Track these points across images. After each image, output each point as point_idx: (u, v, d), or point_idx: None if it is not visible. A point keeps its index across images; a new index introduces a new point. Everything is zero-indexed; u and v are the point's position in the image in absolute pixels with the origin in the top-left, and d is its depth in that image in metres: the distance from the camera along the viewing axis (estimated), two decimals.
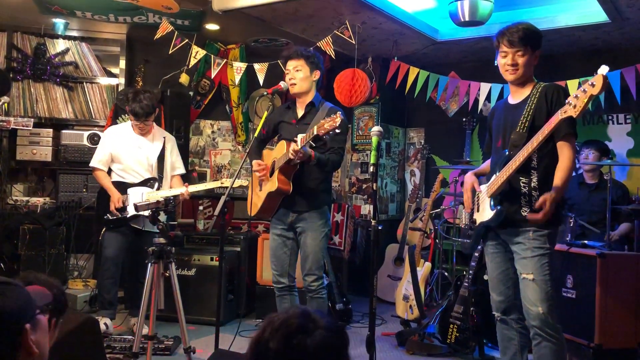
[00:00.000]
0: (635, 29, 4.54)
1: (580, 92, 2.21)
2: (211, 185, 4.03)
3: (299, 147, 2.99)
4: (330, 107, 3.35)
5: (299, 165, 3.19)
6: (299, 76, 3.30)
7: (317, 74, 3.35)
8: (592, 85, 2.16)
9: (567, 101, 2.26)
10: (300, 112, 3.39)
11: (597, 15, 4.30)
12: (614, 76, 4.56)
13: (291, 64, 3.33)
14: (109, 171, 4.14)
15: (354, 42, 4.56)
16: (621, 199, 4.45)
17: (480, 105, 5.23)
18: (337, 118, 2.81)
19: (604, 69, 2.17)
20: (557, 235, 2.72)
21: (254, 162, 3.38)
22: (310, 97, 3.37)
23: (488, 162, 3.00)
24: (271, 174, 3.31)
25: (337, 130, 2.86)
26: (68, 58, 5.31)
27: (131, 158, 4.10)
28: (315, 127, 2.91)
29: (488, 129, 2.97)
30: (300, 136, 3.04)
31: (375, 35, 5.02)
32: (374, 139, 2.66)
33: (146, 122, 4.03)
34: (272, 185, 3.23)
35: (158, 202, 3.13)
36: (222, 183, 3.89)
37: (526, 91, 2.70)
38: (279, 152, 3.28)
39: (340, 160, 3.30)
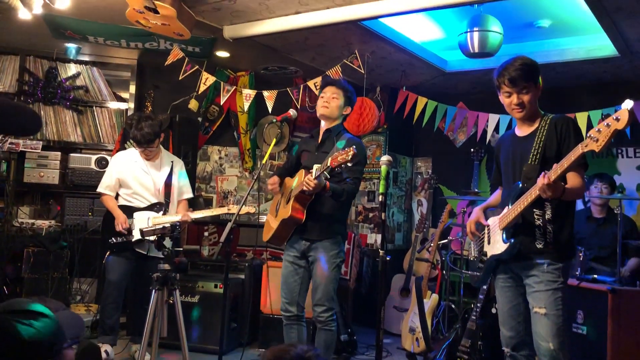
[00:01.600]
0: None
1: (603, 127, 2.13)
2: (218, 211, 4.01)
3: (313, 177, 3.01)
4: (349, 137, 3.38)
5: (314, 196, 3.20)
6: (333, 103, 3.39)
7: (348, 110, 3.46)
8: (617, 119, 2.08)
9: (588, 135, 2.19)
10: (319, 139, 3.46)
11: (606, 48, 4.32)
12: None
13: (330, 90, 3.42)
14: (117, 196, 4.14)
15: (362, 71, 4.59)
16: (629, 233, 4.39)
17: (489, 136, 5.22)
18: (351, 152, 2.82)
19: (628, 104, 2.13)
20: (570, 269, 2.68)
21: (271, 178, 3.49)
22: (332, 125, 3.43)
23: (496, 194, 2.97)
24: (287, 201, 3.33)
25: (349, 164, 2.87)
26: (79, 82, 5.36)
27: (138, 183, 4.10)
28: (330, 159, 2.92)
29: (495, 161, 2.96)
30: (315, 166, 3.06)
31: (383, 65, 5.05)
32: (383, 168, 2.64)
33: (149, 148, 4.05)
34: (285, 212, 3.26)
35: (164, 227, 3.11)
36: (229, 210, 3.87)
37: (534, 123, 2.69)
38: (297, 179, 3.33)
39: (355, 190, 3.33)
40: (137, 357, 3.91)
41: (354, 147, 2.86)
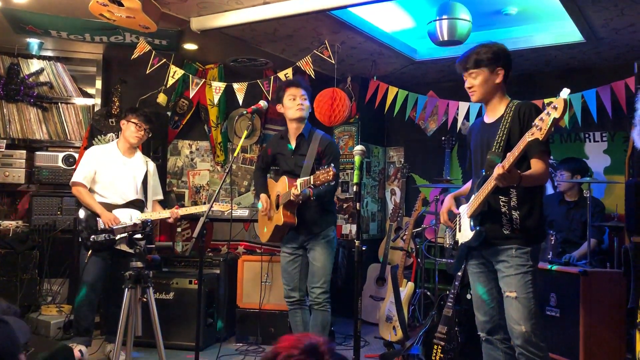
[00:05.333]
0: (610, 49, 4.63)
1: (545, 115, 2.18)
2: (204, 208, 3.86)
3: (299, 191, 3.26)
4: (321, 135, 3.64)
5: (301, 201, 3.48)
6: (306, 104, 3.60)
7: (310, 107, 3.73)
8: (555, 108, 2.13)
9: (533, 123, 2.24)
10: (293, 143, 3.63)
11: (573, 34, 4.37)
12: (589, 95, 4.63)
13: (298, 92, 3.58)
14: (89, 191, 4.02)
15: (333, 61, 4.57)
16: (596, 216, 4.47)
17: (459, 124, 5.25)
18: (331, 172, 3.05)
19: (565, 92, 2.17)
20: (540, 252, 2.71)
21: (262, 198, 3.64)
22: (303, 126, 3.62)
23: (469, 182, 2.99)
24: (277, 207, 3.56)
25: (332, 183, 3.13)
26: (42, 78, 5.21)
27: (117, 177, 4.01)
28: (312, 177, 3.18)
29: (468, 148, 2.98)
30: (299, 181, 3.30)
31: (354, 55, 5.03)
32: (357, 158, 2.64)
33: (146, 131, 4.08)
34: (278, 219, 3.48)
35: (135, 224, 3.06)
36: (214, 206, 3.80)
37: (500, 110, 2.71)
38: (281, 187, 3.55)
39: (335, 187, 3.56)
40: (111, 356, 3.85)
41: (333, 166, 3.08)
